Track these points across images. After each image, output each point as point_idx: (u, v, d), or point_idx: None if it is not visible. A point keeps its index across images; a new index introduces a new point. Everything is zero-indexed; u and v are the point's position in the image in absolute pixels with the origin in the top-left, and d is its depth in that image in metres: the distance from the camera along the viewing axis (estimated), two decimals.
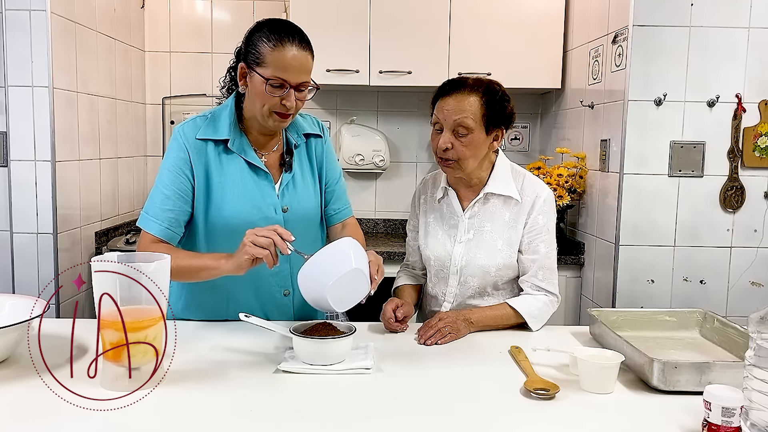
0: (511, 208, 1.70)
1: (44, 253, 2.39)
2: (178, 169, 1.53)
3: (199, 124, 1.56)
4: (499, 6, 2.88)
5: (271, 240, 1.35)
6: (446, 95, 1.63)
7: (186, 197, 1.54)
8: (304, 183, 1.64)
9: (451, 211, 1.75)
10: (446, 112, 1.61)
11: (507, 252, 1.68)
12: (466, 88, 1.62)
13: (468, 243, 1.70)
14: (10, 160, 2.35)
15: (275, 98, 1.46)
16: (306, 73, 1.48)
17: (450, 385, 1.26)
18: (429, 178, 1.86)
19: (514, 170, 1.74)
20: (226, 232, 1.54)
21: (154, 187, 1.55)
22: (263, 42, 1.45)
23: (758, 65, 2.27)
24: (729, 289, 2.36)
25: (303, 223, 1.62)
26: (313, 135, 1.68)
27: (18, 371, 1.26)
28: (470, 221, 1.72)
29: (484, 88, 1.62)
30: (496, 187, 1.69)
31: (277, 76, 1.44)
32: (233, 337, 1.50)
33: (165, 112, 3.29)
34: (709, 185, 2.33)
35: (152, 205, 1.53)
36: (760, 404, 1.02)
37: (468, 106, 1.60)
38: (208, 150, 1.55)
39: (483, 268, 1.68)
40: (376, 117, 3.31)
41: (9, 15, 2.30)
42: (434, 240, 1.75)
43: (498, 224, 1.69)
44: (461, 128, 1.60)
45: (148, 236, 1.52)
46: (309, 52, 1.49)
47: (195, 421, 1.08)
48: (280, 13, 3.14)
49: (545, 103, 3.26)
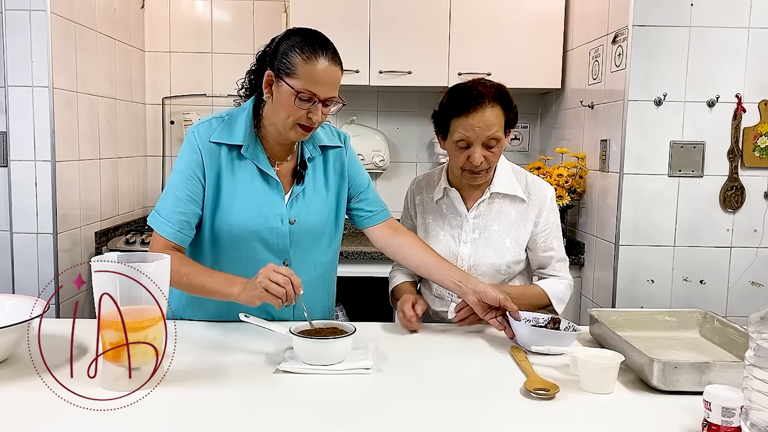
0: (517, 206, 1.72)
1: (44, 253, 2.39)
2: (190, 171, 1.51)
3: (215, 127, 1.53)
4: (499, 6, 2.88)
5: (284, 290, 1.34)
6: (468, 112, 1.59)
7: (197, 200, 1.53)
8: (316, 196, 1.61)
9: (453, 211, 1.75)
10: (477, 129, 1.58)
11: (515, 250, 1.71)
12: (488, 101, 1.59)
13: (474, 243, 1.71)
14: (10, 160, 2.35)
15: (302, 111, 1.44)
16: (335, 88, 1.47)
17: (450, 385, 1.26)
18: (422, 179, 1.85)
19: (515, 169, 1.77)
20: (231, 238, 1.54)
21: (166, 188, 1.54)
22: (296, 53, 1.41)
23: (758, 65, 2.27)
24: (729, 289, 2.36)
25: (309, 236, 1.60)
26: (330, 147, 1.65)
27: (18, 371, 1.25)
28: (475, 221, 1.72)
29: (498, 93, 1.61)
30: (502, 187, 1.71)
31: (308, 89, 1.41)
32: (233, 337, 1.50)
33: (165, 112, 3.29)
34: (709, 185, 2.33)
35: (164, 206, 1.52)
36: (760, 404, 1.02)
37: (495, 118, 1.59)
38: (222, 154, 1.53)
39: (494, 267, 1.70)
40: (376, 117, 3.31)
41: (9, 15, 2.30)
42: (436, 241, 1.75)
43: (505, 223, 1.71)
44: (492, 141, 1.60)
45: (161, 240, 1.51)
46: (339, 66, 1.48)
47: (195, 421, 1.08)
48: (280, 13, 3.14)
49: (545, 103, 3.26)
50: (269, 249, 1.56)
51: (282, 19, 3.11)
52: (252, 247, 1.55)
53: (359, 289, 2.67)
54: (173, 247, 1.51)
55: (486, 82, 1.64)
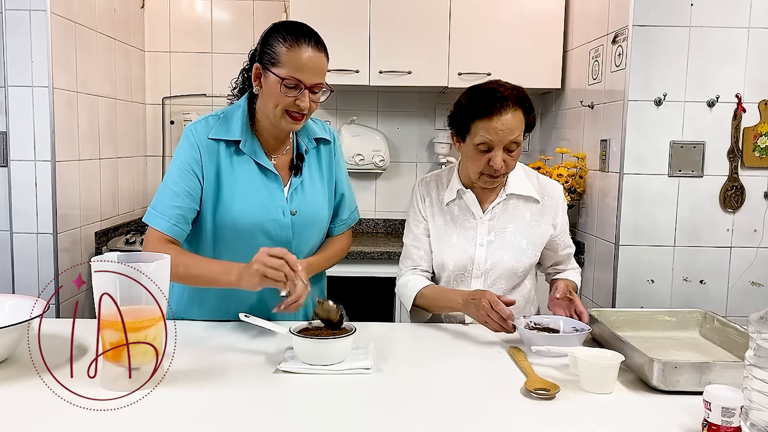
0: (531, 207, 1.72)
1: (44, 253, 2.39)
2: (188, 167, 1.53)
3: (212, 124, 1.56)
4: (499, 6, 2.88)
5: (281, 273, 1.35)
6: (492, 114, 1.56)
7: (194, 195, 1.54)
8: (313, 187, 1.64)
9: (465, 213, 1.72)
10: (501, 133, 1.56)
11: (532, 251, 1.71)
12: (511, 103, 1.57)
13: (490, 245, 1.69)
14: (10, 160, 2.35)
15: (289, 98, 1.47)
16: (321, 74, 1.49)
17: (450, 385, 1.26)
18: (431, 180, 1.80)
19: (526, 170, 1.77)
20: (234, 233, 1.55)
21: (162, 184, 1.54)
22: (279, 42, 1.46)
23: (758, 65, 2.27)
24: (729, 289, 2.36)
25: (311, 227, 1.63)
26: (323, 140, 1.68)
27: (18, 371, 1.26)
28: (491, 223, 1.71)
29: (519, 95, 1.60)
30: (517, 188, 1.71)
31: (292, 76, 1.45)
32: (233, 337, 1.50)
33: (165, 112, 3.29)
34: (709, 185, 2.33)
35: (160, 202, 1.53)
36: (760, 404, 1.02)
37: (518, 122, 1.58)
38: (220, 150, 1.55)
39: (511, 269, 1.69)
40: (376, 117, 3.31)
41: (9, 15, 2.30)
42: (449, 244, 1.72)
43: (520, 224, 1.71)
44: (513, 145, 1.59)
45: (156, 234, 1.51)
46: (324, 54, 1.50)
47: (195, 420, 1.08)
48: (280, 13, 3.14)
49: (545, 103, 3.26)
50: (272, 241, 1.58)
51: (282, 18, 3.11)
52: (255, 241, 1.56)
53: (359, 289, 2.67)
54: (168, 240, 1.51)
55: (506, 84, 1.62)
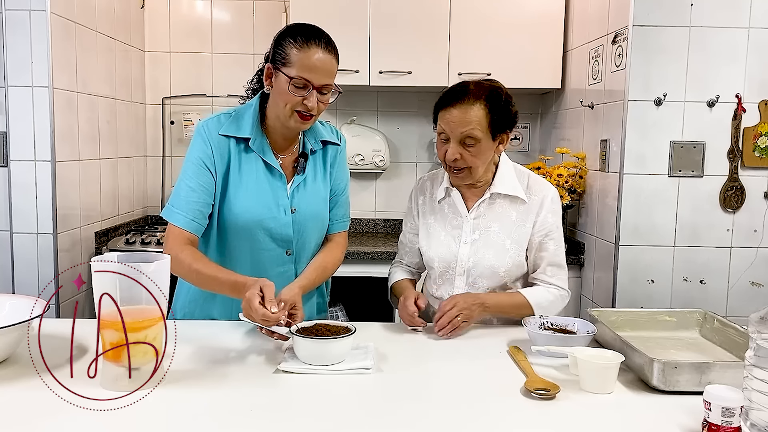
0: (518, 207, 1.70)
1: (44, 253, 2.39)
2: (201, 162, 1.55)
3: (223, 121, 1.59)
4: (499, 6, 2.88)
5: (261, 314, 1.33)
6: (449, 105, 1.59)
7: (209, 190, 1.56)
8: (315, 187, 1.65)
9: (454, 211, 1.74)
10: (452, 124, 1.58)
11: (515, 251, 1.68)
12: (469, 97, 1.58)
13: (474, 243, 1.70)
14: (10, 160, 2.35)
15: (297, 98, 1.49)
16: (330, 76, 1.51)
17: (450, 386, 1.26)
18: (426, 179, 1.83)
19: (517, 169, 1.75)
20: (236, 229, 1.58)
21: (178, 181, 1.57)
22: (290, 43, 1.49)
23: (758, 65, 2.27)
24: (729, 289, 2.36)
25: (310, 225, 1.65)
26: (330, 143, 1.69)
27: (18, 371, 1.26)
28: (475, 221, 1.71)
29: (487, 94, 1.59)
30: (502, 187, 1.69)
31: (301, 76, 1.47)
32: (233, 337, 1.50)
33: (165, 112, 3.29)
34: (709, 185, 2.33)
35: (177, 197, 1.55)
36: (760, 404, 1.02)
37: (473, 116, 1.57)
38: (230, 146, 1.58)
39: (492, 268, 1.68)
40: (376, 117, 3.31)
41: (9, 15, 2.30)
42: (437, 241, 1.74)
43: (505, 224, 1.69)
44: (469, 139, 1.58)
45: (175, 231, 1.53)
46: (334, 56, 1.52)
47: (195, 420, 1.08)
48: (280, 13, 3.14)
49: (545, 103, 3.26)
50: (273, 239, 1.60)
51: (282, 19, 3.11)
52: (257, 238, 1.59)
53: (359, 289, 2.67)
54: (187, 238, 1.53)
55: (483, 82, 1.63)
